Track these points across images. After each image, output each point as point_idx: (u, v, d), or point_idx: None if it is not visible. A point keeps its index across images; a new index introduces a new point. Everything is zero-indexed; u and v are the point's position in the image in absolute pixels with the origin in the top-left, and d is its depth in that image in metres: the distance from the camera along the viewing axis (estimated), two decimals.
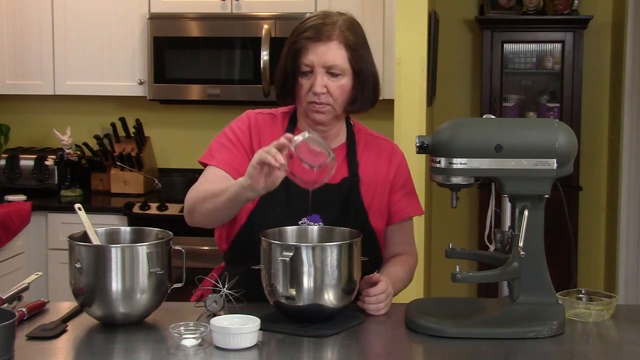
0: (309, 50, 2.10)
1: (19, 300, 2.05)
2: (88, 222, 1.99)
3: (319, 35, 2.10)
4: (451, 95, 4.93)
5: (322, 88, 2.10)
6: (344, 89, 2.13)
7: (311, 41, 2.10)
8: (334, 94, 2.12)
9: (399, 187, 2.26)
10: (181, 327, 1.79)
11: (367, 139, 2.27)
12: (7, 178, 4.39)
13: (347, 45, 2.11)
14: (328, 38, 2.10)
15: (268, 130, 2.21)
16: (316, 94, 2.10)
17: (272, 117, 2.25)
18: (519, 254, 1.87)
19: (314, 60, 2.10)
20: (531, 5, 4.68)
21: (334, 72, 2.10)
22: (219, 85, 4.16)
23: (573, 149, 1.90)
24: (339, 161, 2.19)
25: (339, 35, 2.11)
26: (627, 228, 4.59)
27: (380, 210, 2.23)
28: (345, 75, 2.12)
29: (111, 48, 4.30)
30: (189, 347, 1.75)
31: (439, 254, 3.45)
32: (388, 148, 2.28)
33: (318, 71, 2.10)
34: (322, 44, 2.10)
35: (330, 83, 2.11)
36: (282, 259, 1.84)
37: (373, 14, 4.03)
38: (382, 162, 2.25)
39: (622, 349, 1.87)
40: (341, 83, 2.12)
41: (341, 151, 2.22)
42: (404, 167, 2.29)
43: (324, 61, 2.09)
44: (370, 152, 2.25)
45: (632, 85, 4.50)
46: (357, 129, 2.28)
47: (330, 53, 2.09)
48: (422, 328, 1.88)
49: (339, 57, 2.10)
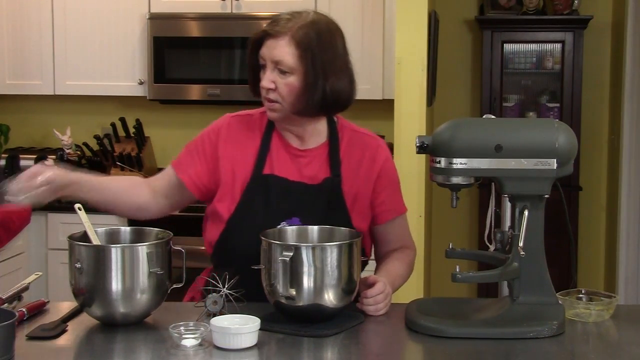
0: (264, 44, 2.08)
1: (19, 300, 2.05)
2: (88, 222, 1.99)
3: (271, 30, 2.07)
4: (451, 95, 4.93)
5: (270, 83, 2.06)
6: (292, 88, 2.06)
7: (265, 34, 2.08)
8: (281, 92, 2.06)
9: (383, 187, 2.21)
10: (181, 327, 1.79)
11: (351, 136, 2.21)
12: (7, 178, 4.38)
13: (299, 43, 2.04)
14: (279, 33, 2.05)
15: (240, 134, 2.18)
16: (262, 88, 2.08)
17: (249, 118, 2.21)
18: (519, 254, 1.87)
19: (264, 53, 2.07)
20: (531, 5, 4.68)
21: (282, 69, 2.05)
22: (219, 85, 4.17)
23: (573, 149, 1.90)
24: (321, 161, 2.16)
25: (294, 32, 2.04)
26: (627, 228, 4.59)
27: (363, 211, 2.18)
28: (294, 74, 2.05)
29: (111, 48, 4.30)
30: (189, 347, 1.75)
31: (439, 254, 3.45)
32: (373, 145, 2.22)
33: (268, 66, 2.07)
34: (272, 39, 2.06)
35: (279, 80, 2.06)
36: (282, 259, 1.84)
37: (373, 14, 4.03)
38: (366, 160, 2.19)
39: (622, 349, 1.86)
40: (288, 81, 2.06)
41: (322, 150, 2.17)
42: (389, 165, 2.23)
43: (272, 56, 2.05)
44: (353, 150, 2.19)
45: (632, 85, 4.50)
46: (341, 125, 2.22)
47: (278, 48, 2.05)
48: (422, 328, 1.88)
49: (287, 54, 2.04)
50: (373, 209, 2.21)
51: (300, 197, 2.12)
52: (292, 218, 2.10)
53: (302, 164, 2.16)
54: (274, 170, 2.13)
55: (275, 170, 2.13)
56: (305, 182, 2.13)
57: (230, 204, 2.13)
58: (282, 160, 2.15)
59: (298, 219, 2.10)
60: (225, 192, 2.14)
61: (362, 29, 4.06)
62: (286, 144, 2.17)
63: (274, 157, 2.15)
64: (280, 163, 2.15)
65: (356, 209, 2.17)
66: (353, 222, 2.14)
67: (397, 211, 2.25)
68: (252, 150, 2.16)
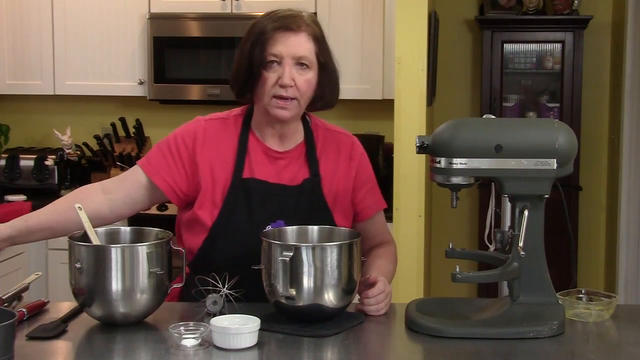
0: (278, 40, 2.03)
1: (19, 300, 2.05)
2: (88, 222, 1.99)
3: (288, 25, 2.03)
4: (451, 95, 4.93)
5: (290, 80, 2.03)
6: (311, 84, 2.06)
7: (280, 30, 2.03)
8: (301, 88, 2.04)
9: (362, 184, 2.20)
10: (181, 327, 1.79)
11: (326, 135, 2.19)
12: (7, 178, 4.39)
13: (315, 37, 2.06)
14: (298, 28, 2.04)
15: (217, 138, 2.13)
16: (284, 86, 2.02)
17: (224, 122, 2.17)
18: (519, 254, 1.87)
19: (282, 50, 2.03)
20: (531, 5, 4.68)
21: (303, 63, 2.04)
22: (219, 85, 4.17)
23: (573, 149, 1.90)
24: (299, 162, 2.15)
25: (306, 27, 2.05)
26: (627, 228, 4.59)
27: (345, 209, 2.18)
28: (312, 69, 2.06)
29: (111, 48, 4.30)
30: (189, 347, 1.75)
31: (439, 254, 3.45)
32: (347, 143, 2.21)
33: (287, 62, 2.03)
34: (292, 34, 2.03)
35: (298, 76, 2.03)
36: (282, 259, 1.84)
37: (373, 14, 4.03)
38: (343, 158, 2.18)
39: (622, 349, 1.86)
40: (308, 77, 2.05)
41: (300, 151, 2.16)
42: (365, 162, 2.22)
43: (293, 52, 2.03)
44: (329, 149, 2.18)
45: (632, 85, 4.50)
46: (314, 124, 2.21)
47: (300, 43, 2.03)
48: (422, 328, 1.88)
49: (308, 49, 2.04)
50: (354, 206, 2.21)
51: (282, 200, 2.10)
52: (277, 221, 2.08)
53: (280, 166, 2.14)
54: (254, 174, 2.11)
55: (255, 174, 2.11)
56: (285, 184, 2.12)
57: (213, 210, 2.09)
58: (261, 163, 2.12)
59: (283, 222, 2.08)
60: (205, 198, 2.10)
61: (362, 29, 4.05)
62: (264, 147, 2.14)
63: (253, 160, 2.12)
64: (259, 166, 2.12)
65: (338, 208, 2.16)
66: (336, 220, 2.14)
67: (378, 207, 2.25)
68: (230, 154, 2.12)
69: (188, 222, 2.14)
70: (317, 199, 2.13)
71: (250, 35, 2.09)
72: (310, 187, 2.13)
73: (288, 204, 2.10)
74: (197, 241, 2.12)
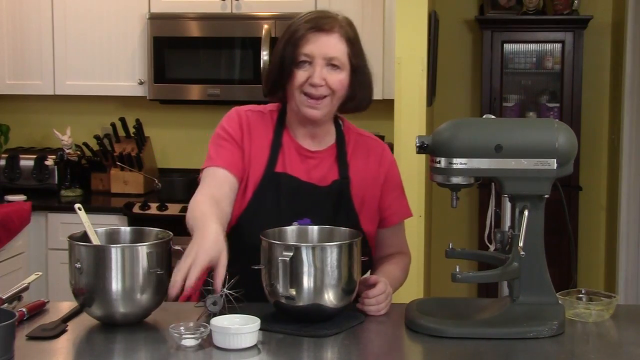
0: (310, 40, 2.05)
1: (19, 300, 2.05)
2: (88, 222, 1.99)
3: (321, 26, 2.06)
4: (451, 95, 4.93)
5: (321, 80, 2.05)
6: (343, 84, 2.09)
7: (313, 31, 2.06)
8: (333, 86, 2.06)
9: (391, 190, 2.22)
10: (181, 327, 1.79)
11: (357, 139, 2.22)
12: (7, 178, 4.39)
13: (348, 39, 2.08)
14: (330, 29, 2.06)
15: (258, 128, 2.17)
16: (314, 85, 2.05)
17: (261, 114, 2.20)
18: (519, 254, 1.87)
19: (314, 50, 2.05)
20: (531, 5, 4.68)
21: (334, 64, 2.06)
22: (219, 85, 4.17)
23: (573, 149, 1.90)
24: (329, 163, 2.17)
25: (340, 28, 2.08)
26: (627, 228, 4.59)
27: (371, 213, 2.20)
28: (344, 70, 2.08)
29: (111, 48, 4.30)
30: (189, 347, 1.75)
31: (439, 254, 3.45)
32: (378, 149, 2.24)
33: (318, 62, 2.05)
34: (324, 35, 2.06)
35: (329, 76, 2.06)
36: (282, 259, 1.84)
37: (373, 14, 4.03)
38: (372, 163, 2.21)
39: (622, 349, 1.86)
40: (340, 77, 2.07)
41: (331, 152, 2.18)
42: (394, 168, 2.25)
43: (324, 52, 2.05)
44: (360, 152, 2.20)
45: (632, 85, 4.50)
46: (346, 128, 2.23)
47: (332, 44, 2.06)
48: (422, 328, 1.88)
49: (340, 50, 2.07)
50: (381, 212, 2.22)
51: (310, 198, 2.12)
52: (304, 218, 2.10)
53: (311, 165, 2.16)
54: (286, 169, 2.14)
55: (287, 169, 2.14)
56: (315, 183, 2.14)
57: (242, 200, 2.12)
58: (293, 160, 2.15)
59: (309, 220, 2.10)
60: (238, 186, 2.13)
61: (362, 29, 4.01)
62: (297, 145, 2.17)
63: (286, 156, 2.15)
64: (291, 162, 2.15)
65: (364, 212, 2.18)
66: (362, 224, 2.16)
67: (404, 214, 2.26)
68: (265, 146, 2.15)
69: None
70: (345, 201, 2.15)
71: (284, 34, 2.12)
72: (339, 189, 2.15)
73: (316, 203, 2.12)
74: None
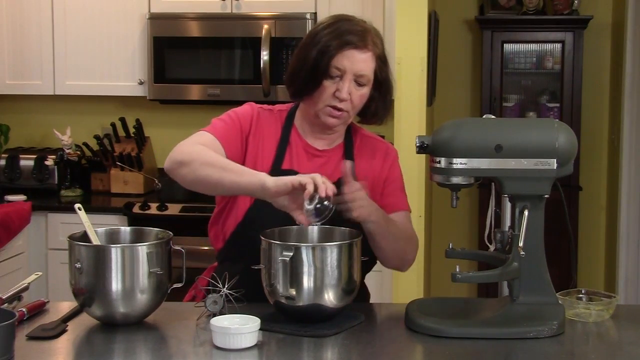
0: (345, 56, 2.08)
1: (19, 300, 2.05)
2: (88, 222, 1.99)
3: (357, 43, 2.08)
4: (451, 95, 4.93)
5: (348, 95, 2.09)
6: (363, 98, 2.13)
7: (349, 47, 2.08)
8: (354, 101, 2.11)
9: (389, 183, 2.24)
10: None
11: (363, 140, 2.27)
12: (7, 178, 4.39)
13: (378, 56, 2.12)
14: (365, 47, 2.09)
15: (268, 126, 2.20)
16: (342, 100, 2.09)
17: (271, 113, 2.24)
18: (519, 254, 1.87)
19: (347, 66, 2.08)
20: (531, 5, 4.68)
21: (361, 82, 2.10)
22: (219, 85, 4.16)
23: (573, 149, 1.90)
24: (336, 161, 2.20)
25: (373, 46, 2.11)
26: (627, 228, 4.59)
27: None
28: (368, 85, 2.12)
29: (111, 48, 4.30)
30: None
31: (439, 254, 3.45)
32: (382, 148, 2.28)
33: (347, 77, 2.08)
34: (359, 52, 2.09)
35: (354, 91, 2.10)
36: (282, 259, 1.84)
37: (373, 14, 4.02)
38: (377, 162, 2.24)
39: (622, 349, 1.87)
40: (363, 92, 2.12)
41: (338, 151, 2.22)
42: (396, 166, 2.28)
43: (356, 69, 2.08)
44: (365, 152, 2.24)
45: (632, 85, 4.51)
46: (354, 129, 2.28)
47: (365, 63, 2.09)
48: (422, 328, 1.88)
49: (369, 68, 2.11)
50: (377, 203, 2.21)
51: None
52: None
53: (318, 163, 2.18)
54: (293, 166, 2.16)
55: (294, 166, 2.16)
56: None
57: (248, 198, 2.13)
58: (301, 158, 2.18)
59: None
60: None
61: None
62: (304, 144, 2.20)
63: (293, 154, 2.18)
64: (298, 161, 2.18)
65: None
66: None
67: (397, 207, 2.24)
68: (273, 144, 2.18)
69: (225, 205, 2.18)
70: None
71: (315, 42, 2.11)
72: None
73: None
74: (230, 227, 2.16)
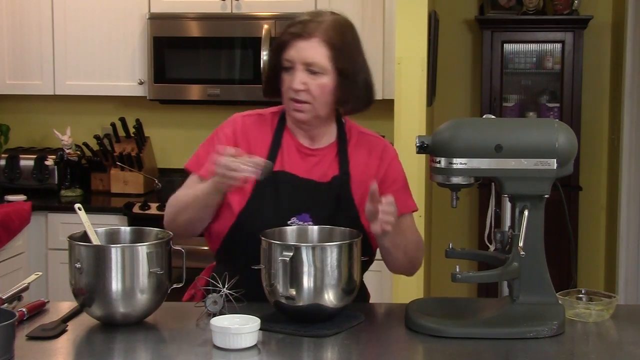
0: (291, 46, 2.09)
1: (19, 300, 2.05)
2: (88, 222, 1.99)
3: (301, 32, 2.09)
4: (451, 95, 4.93)
5: (300, 85, 2.08)
6: (324, 89, 2.10)
7: (294, 37, 2.09)
8: (313, 92, 2.09)
9: (390, 184, 2.21)
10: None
11: (359, 137, 2.25)
12: (7, 178, 4.39)
13: (330, 43, 2.09)
14: (309, 35, 2.09)
15: (253, 132, 2.20)
16: (294, 90, 2.09)
17: (260, 117, 2.24)
18: (519, 254, 1.87)
19: (294, 55, 2.09)
20: (531, 5, 4.68)
21: (313, 70, 2.08)
22: (219, 85, 4.16)
23: (573, 149, 1.90)
24: (330, 160, 2.19)
25: (322, 33, 2.09)
26: (627, 228, 4.59)
27: None
28: (326, 75, 2.09)
29: (111, 48, 4.30)
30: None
31: (439, 254, 3.45)
32: (379, 145, 2.26)
33: (297, 67, 2.09)
34: (303, 40, 2.08)
35: (310, 81, 2.09)
36: (282, 259, 1.84)
37: (373, 14, 4.03)
38: (373, 159, 2.22)
39: (622, 349, 1.87)
40: (321, 82, 2.09)
41: (331, 150, 2.20)
42: (395, 164, 2.25)
43: (303, 57, 2.08)
44: (361, 149, 2.22)
45: (632, 85, 4.50)
46: (349, 127, 2.26)
47: (310, 50, 2.08)
48: (422, 328, 1.89)
49: (319, 55, 2.08)
50: None
51: (310, 194, 2.13)
52: (302, 214, 2.11)
53: (311, 162, 2.18)
54: (285, 167, 2.16)
55: (285, 167, 2.16)
56: (315, 179, 2.16)
57: (242, 197, 2.14)
58: (293, 158, 2.18)
59: (308, 215, 2.12)
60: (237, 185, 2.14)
61: (362, 29, 4.00)
62: (297, 143, 2.20)
63: (285, 155, 2.18)
64: (290, 160, 2.17)
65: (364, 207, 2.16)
66: (362, 220, 2.14)
67: (402, 209, 2.24)
68: (264, 147, 2.18)
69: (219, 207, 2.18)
70: (344, 196, 2.16)
71: (276, 39, 2.17)
72: (339, 184, 2.16)
73: (316, 199, 2.13)
74: (224, 227, 2.16)
